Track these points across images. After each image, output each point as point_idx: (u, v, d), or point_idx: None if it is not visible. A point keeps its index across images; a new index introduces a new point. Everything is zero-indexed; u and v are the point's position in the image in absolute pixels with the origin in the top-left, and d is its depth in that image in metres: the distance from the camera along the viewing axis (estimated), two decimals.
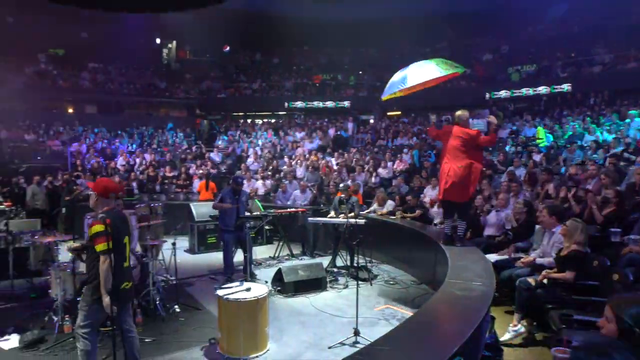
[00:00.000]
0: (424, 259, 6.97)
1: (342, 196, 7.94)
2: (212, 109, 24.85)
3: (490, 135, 5.67)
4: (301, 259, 8.82)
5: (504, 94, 19.30)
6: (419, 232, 7.31)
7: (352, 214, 7.62)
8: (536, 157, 10.36)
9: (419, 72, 5.73)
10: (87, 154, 15.45)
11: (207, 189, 11.30)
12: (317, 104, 23.46)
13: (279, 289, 6.56)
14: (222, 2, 12.54)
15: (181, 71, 26.34)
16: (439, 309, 3.73)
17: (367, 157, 13.79)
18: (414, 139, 15.51)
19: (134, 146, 17.62)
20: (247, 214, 7.45)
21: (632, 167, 7.56)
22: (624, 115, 12.23)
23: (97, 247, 3.51)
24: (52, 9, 18.21)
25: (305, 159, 14.09)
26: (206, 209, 9.35)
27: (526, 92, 18.63)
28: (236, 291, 4.59)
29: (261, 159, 15.27)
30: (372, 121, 21.84)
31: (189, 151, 17.34)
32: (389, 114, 22.13)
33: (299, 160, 14.10)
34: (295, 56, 26.49)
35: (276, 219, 9.32)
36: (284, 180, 11.77)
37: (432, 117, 6.20)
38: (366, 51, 26.06)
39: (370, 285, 7.04)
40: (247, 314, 4.48)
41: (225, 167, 15.31)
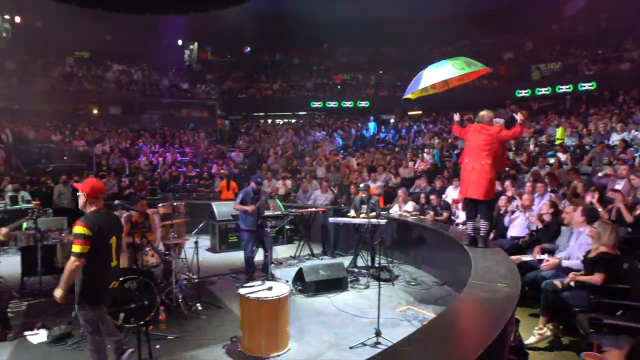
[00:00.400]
0: (446, 260, 6.88)
1: (363, 196, 7.90)
2: (233, 109, 25.07)
3: (513, 128, 5.57)
4: (322, 259, 8.81)
5: (527, 92, 18.96)
6: (441, 233, 7.21)
7: (373, 214, 7.58)
8: (562, 157, 10.14)
9: (433, 73, 5.69)
10: (111, 154, 15.74)
11: (228, 189, 11.38)
12: (337, 103, 23.42)
13: (299, 288, 6.56)
14: (243, 3, 12.68)
15: (203, 72, 26.64)
16: (462, 310, 3.66)
17: (388, 157, 13.71)
18: (436, 138, 15.36)
19: (156, 146, 17.88)
20: (267, 213, 7.47)
21: None
22: None
23: (74, 248, 3.54)
24: (78, 13, 18.67)
25: (325, 159, 14.08)
26: (227, 209, 9.42)
27: (550, 90, 18.24)
28: (258, 290, 4.60)
29: (282, 159, 15.32)
30: (392, 121, 21.72)
31: (211, 151, 17.51)
32: (409, 113, 21.98)
33: (320, 160, 14.10)
34: (315, 56, 26.53)
35: (297, 218, 9.33)
36: (304, 180, 11.77)
37: (456, 116, 6.13)
38: (387, 50, 25.92)
39: (392, 285, 6.99)
40: (268, 313, 4.49)
41: (246, 166, 15.42)
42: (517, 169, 10.27)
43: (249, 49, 27.05)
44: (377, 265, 7.51)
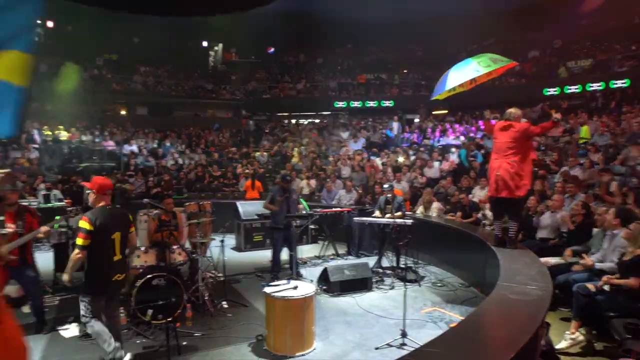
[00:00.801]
0: (473, 261, 6.77)
1: (388, 196, 7.84)
2: (258, 109, 25.24)
3: (542, 123, 5.43)
4: (346, 259, 8.79)
5: (556, 91, 18.48)
6: (467, 233, 7.10)
7: (398, 214, 7.52)
8: (593, 157, 9.85)
9: (459, 73, 5.63)
10: (138, 153, 16.05)
11: (253, 188, 11.47)
12: (361, 103, 23.34)
13: (324, 288, 6.56)
14: (268, 3, 12.72)
15: (227, 73, 26.91)
16: (491, 313, 3.59)
17: (412, 157, 13.58)
18: (461, 138, 15.14)
19: (182, 146, 18.14)
20: (304, 212, 7.49)
21: None
22: None
23: (77, 241, 3.90)
24: (107, 17, 19.13)
25: (350, 159, 14.05)
26: (252, 208, 9.50)
27: (581, 88, 17.74)
28: (283, 289, 4.62)
29: (306, 159, 15.35)
30: (417, 120, 21.50)
31: (235, 151, 17.67)
32: (434, 112, 21.71)
33: (344, 160, 14.08)
34: (339, 56, 26.48)
35: (321, 218, 9.32)
36: (328, 179, 11.77)
37: (487, 112, 6.01)
38: (411, 49, 25.69)
39: (417, 286, 6.92)
40: (294, 312, 4.50)
41: (270, 166, 15.51)
42: (547, 168, 10.03)
43: (272, 49, 27.20)
44: (402, 265, 7.46)
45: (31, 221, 5.05)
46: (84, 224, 3.87)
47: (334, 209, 9.43)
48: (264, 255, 8.92)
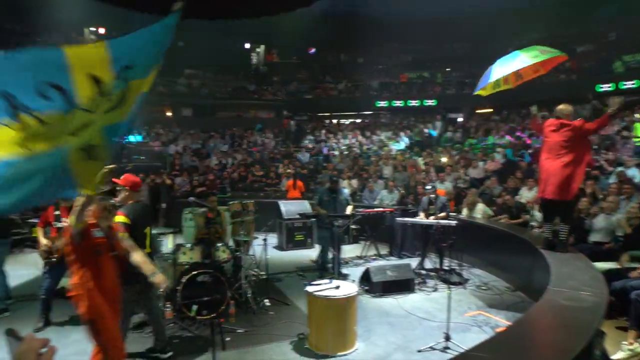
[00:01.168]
0: (520, 265, 6.54)
1: (432, 196, 7.70)
2: (299, 109, 25.41)
3: (598, 119, 5.16)
4: (388, 260, 8.71)
5: (610, 87, 17.58)
6: (514, 235, 6.87)
7: (442, 215, 7.37)
8: None
9: (505, 65, 5.42)
10: (183, 153, 16.51)
11: (294, 188, 11.55)
12: (403, 102, 23.06)
13: (366, 288, 6.52)
14: (310, 4, 12.80)
15: (269, 74, 27.25)
16: (542, 319, 3.44)
17: (456, 157, 13.30)
18: (507, 137, 14.68)
19: (225, 146, 18.51)
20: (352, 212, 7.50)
21: None
22: None
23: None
24: (154, 22, 19.71)
25: (392, 159, 13.92)
26: (294, 207, 9.57)
27: (638, 83, 16.79)
28: (326, 288, 4.62)
29: (347, 159, 15.32)
30: (460, 119, 21.04)
31: (277, 151, 17.86)
32: (478, 111, 21.17)
33: (385, 159, 13.96)
34: (380, 55, 26.25)
35: (363, 218, 9.27)
36: (369, 179, 11.70)
37: (533, 109, 5.75)
38: (454, 47, 25.15)
39: (463, 289, 6.76)
40: (336, 311, 4.50)
41: (312, 166, 15.58)
42: (601, 169, 9.58)
43: (313, 50, 27.31)
44: (445, 267, 7.31)
45: None
46: (122, 219, 4.01)
47: (376, 209, 9.35)
48: (305, 254, 8.97)
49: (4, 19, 19.89)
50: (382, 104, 23.35)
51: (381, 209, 9.37)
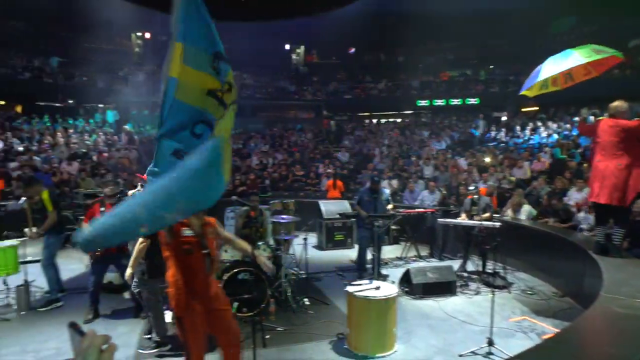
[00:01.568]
0: (569, 269, 6.28)
1: (474, 197, 7.52)
2: (339, 109, 25.45)
3: None
4: (429, 261, 8.57)
5: None
6: (563, 239, 6.59)
7: (485, 216, 7.18)
8: None
9: (555, 64, 5.18)
10: None
11: (334, 188, 11.57)
12: (444, 101, 22.64)
13: (406, 290, 6.44)
14: (349, 4, 12.79)
15: (309, 74, 27.43)
16: (594, 326, 3.28)
17: (500, 157, 12.93)
18: (554, 136, 14.15)
19: (266, 146, 18.75)
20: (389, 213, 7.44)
21: None
22: None
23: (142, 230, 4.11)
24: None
25: (433, 158, 13.70)
26: (334, 207, 9.58)
27: None
28: (366, 289, 4.60)
29: (387, 159, 15.20)
30: (504, 118, 20.44)
31: (317, 151, 17.93)
32: (524, 109, 20.48)
33: (426, 159, 13.75)
34: (420, 54, 25.89)
35: (404, 218, 9.17)
36: (410, 180, 11.56)
37: (584, 111, 5.51)
38: (497, 43, 24.44)
39: (507, 293, 6.57)
40: (376, 312, 4.47)
41: (352, 166, 15.55)
42: None
43: (353, 50, 27.26)
44: (489, 270, 7.12)
45: None
46: None
47: (416, 210, 9.23)
48: (345, 254, 8.96)
49: (54, 26, 20.98)
50: (422, 103, 23.02)
51: (422, 210, 9.24)
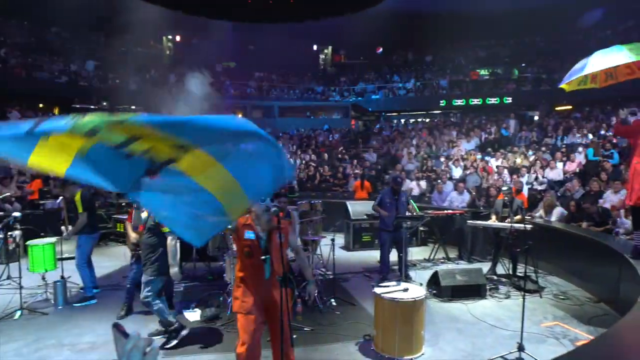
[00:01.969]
0: (604, 274, 6.09)
1: (506, 199, 7.36)
2: (367, 109, 25.36)
3: None
4: (457, 264, 8.45)
5: None
6: (598, 243, 6.39)
7: (517, 218, 7.02)
8: None
9: (602, 59, 4.97)
10: None
11: (362, 188, 11.53)
12: (476, 101, 22.23)
13: (434, 292, 6.37)
14: (377, 4, 12.77)
15: (336, 74, 27.43)
16: (631, 334, 3.17)
17: (532, 158, 12.62)
18: (589, 136, 13.70)
19: (294, 147, 18.85)
20: (407, 214, 7.36)
21: None
22: None
23: (164, 229, 4.40)
24: (226, 28, 20.65)
25: (462, 159, 13.50)
26: (361, 208, 9.55)
27: None
28: (393, 290, 4.58)
29: (415, 159, 15.05)
30: (537, 118, 19.92)
31: (345, 151, 17.91)
32: (557, 108, 19.90)
33: (456, 160, 13.55)
34: (450, 52, 25.50)
35: (432, 220, 9.07)
36: (439, 180, 11.41)
37: (623, 112, 5.31)
38: (530, 41, 23.88)
39: (539, 297, 6.41)
40: (403, 314, 4.43)
41: (379, 166, 15.47)
42: None
43: (381, 49, 27.12)
44: (519, 274, 6.97)
45: None
46: None
47: (445, 211, 9.11)
48: (372, 255, 8.92)
49: (89, 31, 21.66)
50: (452, 102, 22.67)
51: (451, 211, 9.12)
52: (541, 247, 6.99)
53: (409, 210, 7.48)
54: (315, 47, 28.51)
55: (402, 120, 24.49)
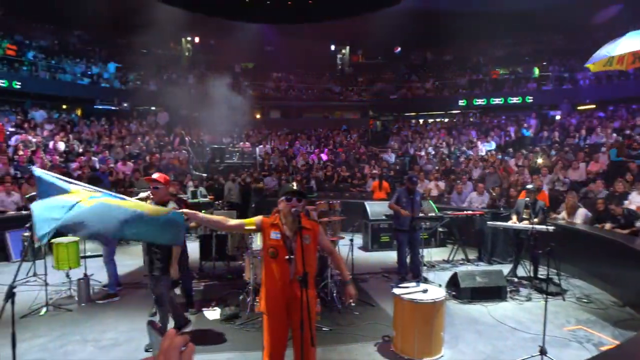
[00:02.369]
0: (631, 277, 5.95)
1: (527, 199, 7.23)
2: (385, 110, 25.26)
3: None
4: (477, 265, 8.36)
5: None
6: (622, 244, 6.24)
7: (538, 219, 6.91)
8: None
9: (633, 41, 4.83)
10: (272, 154, 17.09)
11: (380, 189, 11.50)
12: (497, 100, 21.93)
13: (454, 293, 6.31)
14: (395, 4, 12.72)
15: (354, 75, 27.38)
16: None
17: (553, 158, 12.41)
18: (613, 136, 13.41)
19: (312, 147, 18.88)
20: (421, 214, 7.30)
21: None
22: None
23: None
24: (245, 29, 20.80)
25: (482, 160, 13.34)
26: (380, 208, 9.52)
27: None
28: (413, 292, 4.55)
29: (434, 160, 14.93)
30: (558, 117, 19.57)
31: (363, 151, 17.87)
32: (579, 107, 19.51)
33: (475, 160, 13.40)
34: (469, 51, 25.20)
35: (451, 221, 8.99)
36: (458, 181, 11.30)
37: None
38: (550, 39, 23.45)
39: (562, 300, 6.30)
40: (423, 316, 4.40)
41: (398, 167, 15.40)
42: None
43: (399, 49, 26.98)
44: (541, 276, 6.86)
45: None
46: None
47: (465, 212, 9.02)
48: (390, 256, 8.88)
49: (111, 34, 22.02)
50: (471, 102, 22.41)
51: (470, 212, 9.02)
52: (564, 249, 6.86)
53: (422, 211, 7.42)
54: (333, 47, 28.51)
55: (421, 120, 24.28)
